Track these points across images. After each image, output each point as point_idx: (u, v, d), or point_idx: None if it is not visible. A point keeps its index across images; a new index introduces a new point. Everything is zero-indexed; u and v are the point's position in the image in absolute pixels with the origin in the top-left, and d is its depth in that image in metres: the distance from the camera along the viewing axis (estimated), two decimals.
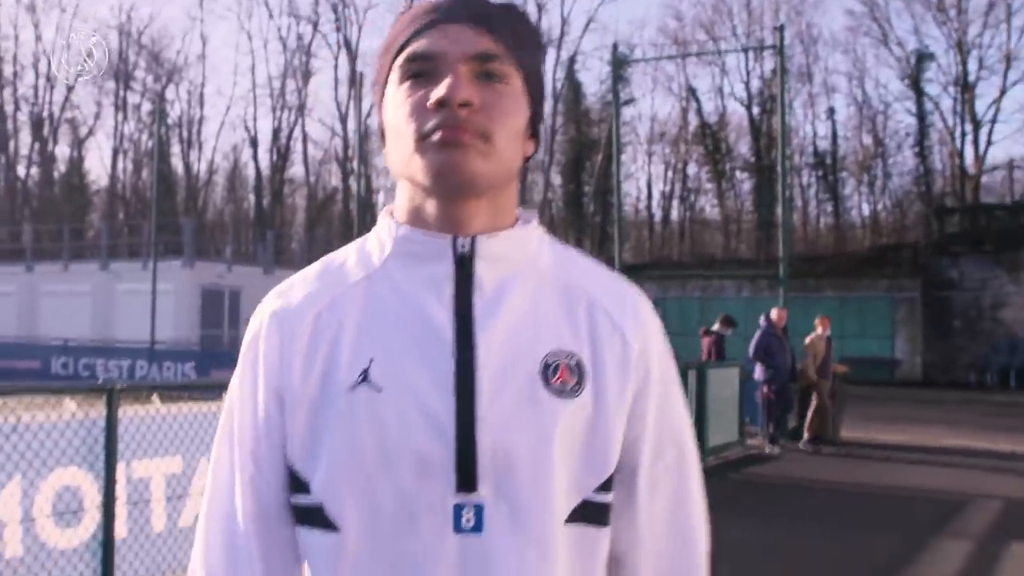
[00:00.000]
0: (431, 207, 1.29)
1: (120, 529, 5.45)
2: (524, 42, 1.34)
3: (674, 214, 56.31)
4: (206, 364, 23.74)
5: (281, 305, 1.33)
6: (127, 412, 5.56)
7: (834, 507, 9.92)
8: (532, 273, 1.33)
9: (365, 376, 1.23)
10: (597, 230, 49.69)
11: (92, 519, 5.33)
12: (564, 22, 55.48)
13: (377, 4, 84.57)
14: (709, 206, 55.51)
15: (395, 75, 1.29)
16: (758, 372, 14.15)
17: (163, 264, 30.26)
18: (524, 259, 1.33)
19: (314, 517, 1.27)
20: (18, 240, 41.95)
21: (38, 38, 59.82)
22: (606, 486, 1.30)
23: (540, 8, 53.33)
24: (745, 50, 48.94)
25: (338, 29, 57.72)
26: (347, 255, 1.38)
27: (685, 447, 1.40)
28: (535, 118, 1.36)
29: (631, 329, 1.33)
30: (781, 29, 19.45)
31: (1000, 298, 32.76)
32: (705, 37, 53.07)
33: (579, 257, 1.42)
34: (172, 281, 31.16)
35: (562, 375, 1.26)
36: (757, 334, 14.07)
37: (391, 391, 1.22)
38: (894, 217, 49.97)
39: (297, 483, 1.29)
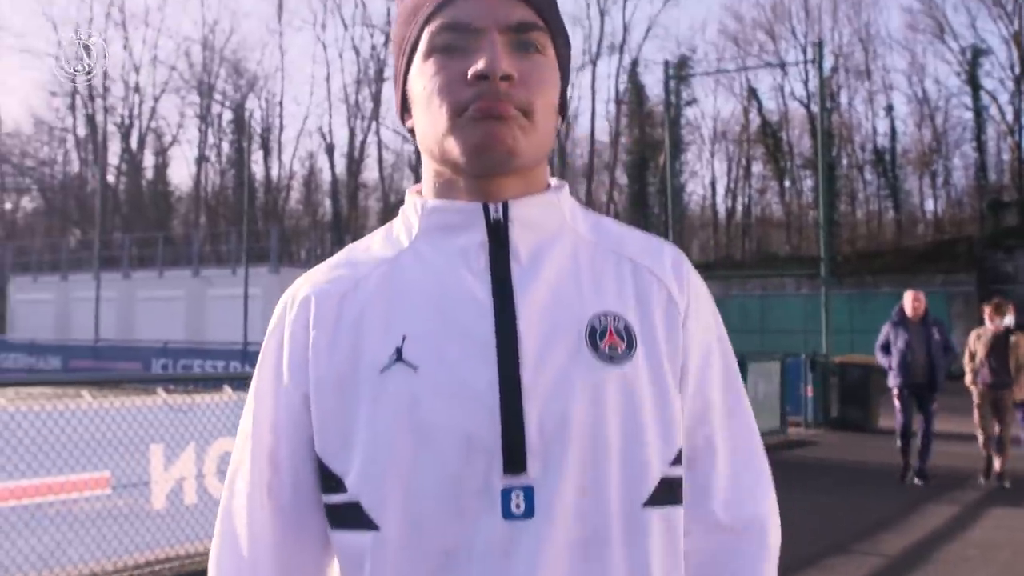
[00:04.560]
0: (463, 183, 1.23)
1: None
2: (555, 8, 1.27)
3: (738, 212, 57.32)
4: None
5: (306, 291, 1.26)
6: None
7: (857, 480, 11.09)
8: (569, 237, 1.26)
9: (399, 355, 1.15)
10: (663, 229, 50.82)
11: None
12: (626, 27, 56.99)
13: None
14: (773, 204, 56.51)
15: (424, 45, 1.21)
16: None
17: (251, 270, 32.17)
18: (559, 223, 1.26)
19: (350, 517, 1.17)
20: (115, 248, 44.19)
21: (127, 51, 62.82)
22: (678, 458, 1.22)
23: (603, 13, 54.80)
24: (781, 65, 49.76)
25: None
26: (373, 240, 1.32)
27: (738, 413, 1.32)
28: (564, 89, 1.28)
29: (675, 287, 1.26)
30: (819, 45, 20.53)
31: None
32: (765, 37, 54.12)
33: (613, 222, 1.34)
34: (260, 286, 32.87)
35: (611, 338, 1.18)
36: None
37: (427, 368, 1.14)
38: (953, 211, 50.49)
39: (329, 480, 1.19)
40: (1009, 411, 10.76)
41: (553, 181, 1.31)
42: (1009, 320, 10.84)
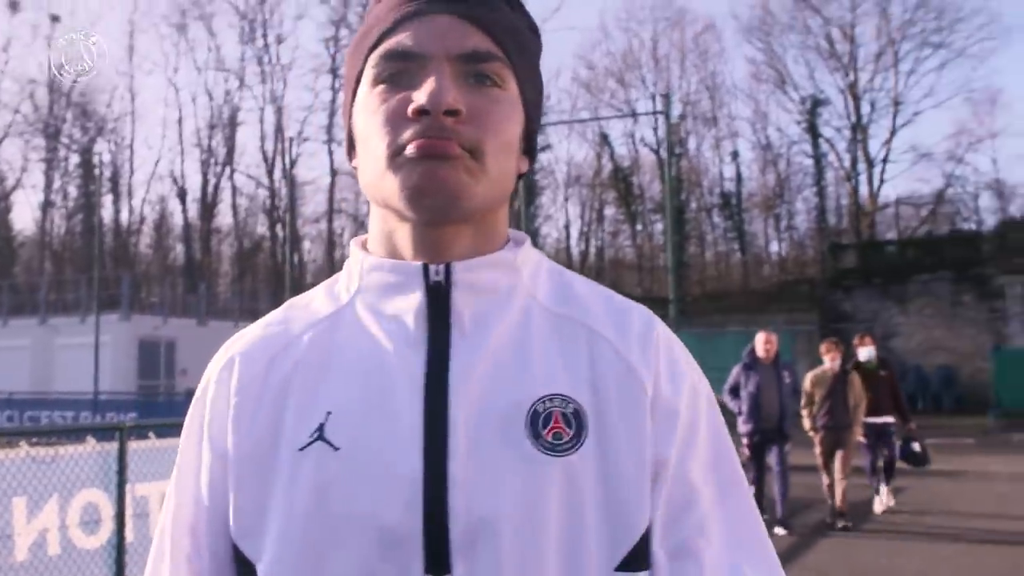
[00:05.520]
0: (406, 233, 1.11)
1: (129, 535, 7.20)
2: (521, 37, 1.15)
3: (591, 255, 58.45)
4: (147, 413, 25.09)
5: (234, 351, 1.16)
6: (130, 446, 7.36)
7: None
8: (521, 304, 1.13)
9: (320, 432, 1.05)
10: None
11: (107, 528, 7.02)
12: None
13: (299, 59, 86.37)
14: (625, 246, 57.85)
15: (368, 74, 1.10)
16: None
17: (102, 318, 31.40)
18: (512, 288, 1.13)
19: None
20: None
21: None
22: (633, 564, 1.05)
23: None
24: (630, 115, 51.50)
25: (263, 82, 59.33)
26: (315, 294, 1.21)
27: (733, 495, 1.13)
28: (531, 129, 1.16)
29: (640, 361, 1.11)
30: (667, 97, 21.37)
31: (890, 328, 34.52)
32: (616, 85, 55.67)
33: (581, 282, 1.20)
34: (110, 334, 32.27)
35: (556, 425, 1.05)
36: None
37: (349, 451, 1.03)
38: (796, 253, 52.60)
39: (242, 565, 1.08)
40: (850, 447, 10.58)
41: (514, 233, 1.20)
42: (867, 353, 10.99)
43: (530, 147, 1.18)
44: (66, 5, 68.58)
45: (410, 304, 1.09)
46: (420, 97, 1.04)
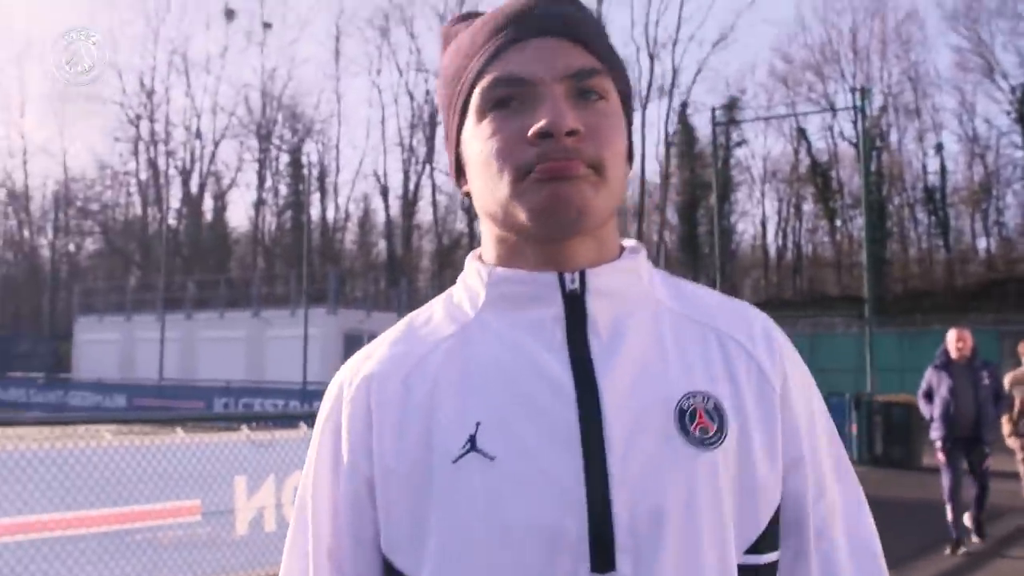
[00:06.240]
0: (530, 248, 1.13)
1: None
2: (611, 44, 1.18)
3: (789, 252, 57.65)
4: None
5: (366, 370, 1.16)
6: None
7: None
8: (649, 307, 1.16)
9: (472, 443, 1.06)
10: (714, 270, 50.98)
11: None
12: (675, 71, 57.63)
13: None
14: (823, 243, 56.69)
15: (476, 103, 1.13)
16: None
17: (310, 311, 32.90)
18: (639, 292, 1.16)
19: None
20: (177, 289, 45.33)
21: (189, 97, 64.75)
22: (761, 546, 1.11)
23: (652, 57, 55.56)
24: (826, 110, 50.29)
25: None
26: (433, 310, 1.23)
27: (847, 476, 1.22)
28: (630, 133, 1.19)
29: (767, 359, 1.16)
30: (863, 92, 21.01)
31: None
32: (814, 78, 54.58)
33: (694, 287, 1.25)
34: (317, 327, 33.64)
35: (701, 420, 1.08)
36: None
37: (505, 458, 1.05)
38: (1005, 250, 50.45)
39: None
40: None
41: (628, 243, 1.23)
42: None
43: (629, 149, 1.20)
44: (277, 11, 71.82)
45: (547, 313, 1.12)
46: (542, 121, 1.06)
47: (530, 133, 1.07)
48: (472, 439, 1.07)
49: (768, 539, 1.12)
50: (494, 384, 1.10)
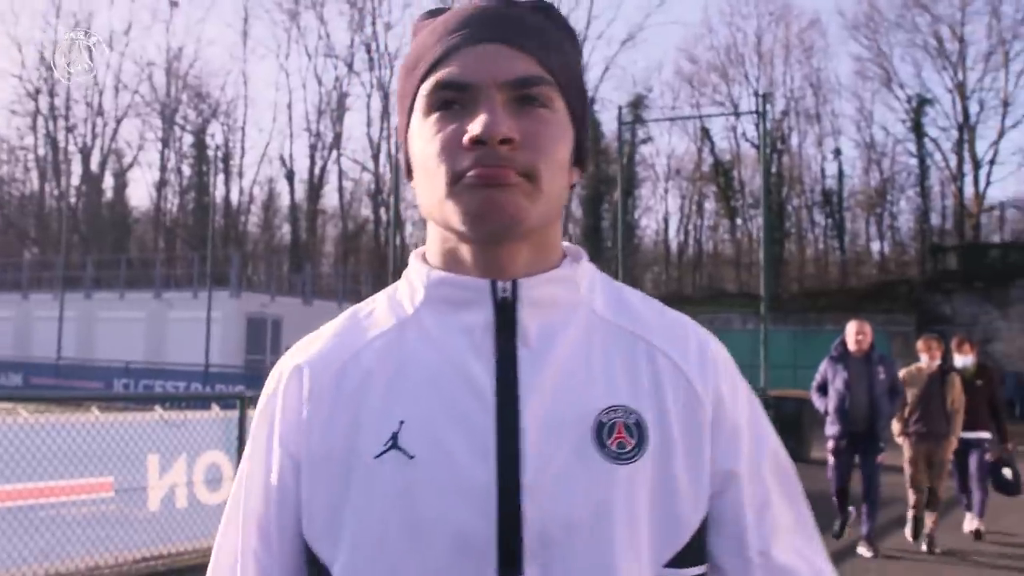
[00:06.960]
0: (467, 251, 1.15)
1: None
2: (564, 53, 1.18)
3: (690, 248, 58.45)
4: (254, 386, 25.87)
5: (302, 359, 1.19)
6: (249, 413, 8.18)
7: None
8: (583, 318, 1.17)
9: (395, 441, 1.09)
10: (616, 263, 51.53)
11: (228, 487, 7.78)
12: (583, 67, 57.98)
13: (406, 46, 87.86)
14: (723, 241, 57.71)
15: (421, 103, 1.14)
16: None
17: (213, 294, 32.59)
18: (574, 302, 1.17)
19: None
20: (75, 268, 44.41)
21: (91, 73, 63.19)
22: (683, 560, 1.12)
23: None
24: (730, 114, 51.38)
25: (371, 69, 60.61)
26: (376, 304, 1.24)
27: (794, 493, 1.22)
28: (580, 141, 1.19)
29: (699, 375, 1.17)
30: (764, 97, 21.49)
31: (990, 333, 33.62)
32: (719, 79, 55.54)
33: (636, 296, 1.25)
34: (220, 309, 33.41)
35: (619, 435, 1.10)
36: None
37: (424, 458, 1.08)
38: (897, 254, 52.13)
39: (315, 567, 1.13)
40: (944, 465, 9.38)
41: (569, 248, 1.24)
42: (966, 360, 9.77)
43: (580, 157, 1.20)
44: None
45: (478, 319, 1.13)
46: (475, 128, 1.07)
47: (464, 139, 1.08)
48: (395, 436, 1.09)
49: (691, 553, 1.13)
50: (422, 385, 1.12)
